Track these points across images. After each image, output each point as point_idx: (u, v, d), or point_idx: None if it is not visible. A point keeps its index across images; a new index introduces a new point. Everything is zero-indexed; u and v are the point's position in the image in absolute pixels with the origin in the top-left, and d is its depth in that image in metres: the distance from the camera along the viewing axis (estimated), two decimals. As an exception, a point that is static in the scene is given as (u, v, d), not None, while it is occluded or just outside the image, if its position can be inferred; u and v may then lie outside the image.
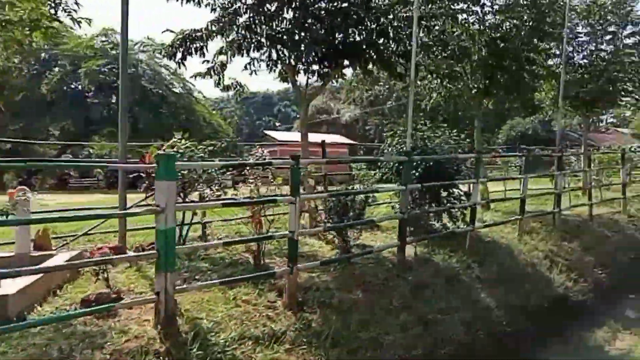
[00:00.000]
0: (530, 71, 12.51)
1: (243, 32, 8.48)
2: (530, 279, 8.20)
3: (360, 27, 8.76)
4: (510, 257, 8.63)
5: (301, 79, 9.46)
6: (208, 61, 9.07)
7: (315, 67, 9.24)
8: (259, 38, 8.55)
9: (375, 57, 9.03)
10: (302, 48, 8.41)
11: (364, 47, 8.85)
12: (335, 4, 8.52)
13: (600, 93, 15.43)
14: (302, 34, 8.39)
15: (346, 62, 9.39)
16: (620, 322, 8.44)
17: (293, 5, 8.33)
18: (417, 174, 8.80)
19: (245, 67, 8.62)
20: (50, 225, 7.17)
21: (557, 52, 15.82)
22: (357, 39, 8.83)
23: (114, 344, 4.34)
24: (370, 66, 9.49)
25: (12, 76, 28.24)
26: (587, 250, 10.10)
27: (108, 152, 29.89)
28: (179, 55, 8.77)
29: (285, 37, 8.53)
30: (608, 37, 15.96)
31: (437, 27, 9.29)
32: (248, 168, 6.44)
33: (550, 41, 12.32)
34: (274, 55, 8.81)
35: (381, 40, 9.01)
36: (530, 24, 11.72)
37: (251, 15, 8.31)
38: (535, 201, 12.44)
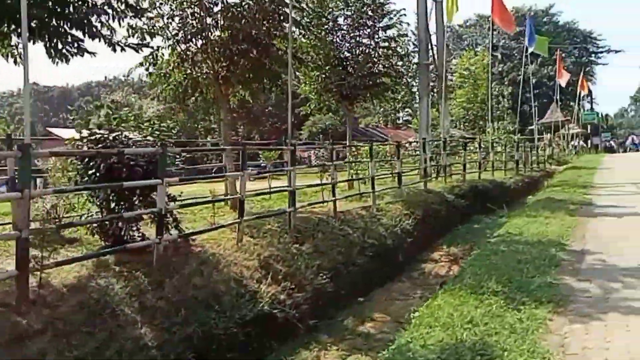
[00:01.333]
0: (272, 57, 11.41)
1: None
2: (226, 297, 6.79)
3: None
4: (211, 271, 7.17)
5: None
6: None
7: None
8: None
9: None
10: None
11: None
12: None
13: (359, 87, 15.16)
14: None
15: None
16: (333, 335, 7.49)
17: None
18: (97, 174, 7.13)
19: None
20: None
21: (319, 44, 15.28)
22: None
23: None
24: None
25: None
26: (318, 252, 9.13)
27: None
28: None
29: None
30: (368, 30, 15.78)
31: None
32: None
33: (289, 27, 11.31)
34: None
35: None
36: (263, 5, 10.60)
37: None
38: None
